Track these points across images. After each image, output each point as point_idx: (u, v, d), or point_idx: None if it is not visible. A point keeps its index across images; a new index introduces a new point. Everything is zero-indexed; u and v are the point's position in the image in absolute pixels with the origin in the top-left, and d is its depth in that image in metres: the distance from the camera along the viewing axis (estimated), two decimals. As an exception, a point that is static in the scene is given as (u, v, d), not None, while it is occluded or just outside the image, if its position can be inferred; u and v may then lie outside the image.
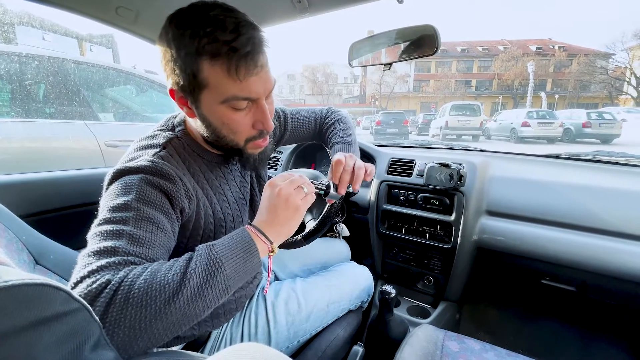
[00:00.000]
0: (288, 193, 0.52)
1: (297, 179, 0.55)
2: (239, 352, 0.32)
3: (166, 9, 0.74)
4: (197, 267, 0.42)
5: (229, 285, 0.44)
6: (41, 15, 8.19)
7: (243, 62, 0.48)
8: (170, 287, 0.39)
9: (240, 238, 0.48)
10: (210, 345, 0.69)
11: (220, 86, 0.49)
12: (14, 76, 1.77)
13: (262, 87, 0.52)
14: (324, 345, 0.78)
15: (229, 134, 0.56)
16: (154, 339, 0.38)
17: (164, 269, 0.41)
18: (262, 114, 0.55)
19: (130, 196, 0.47)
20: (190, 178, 0.58)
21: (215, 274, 0.42)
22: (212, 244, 0.46)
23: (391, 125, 12.98)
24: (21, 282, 0.24)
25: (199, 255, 0.44)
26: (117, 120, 2.30)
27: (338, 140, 0.83)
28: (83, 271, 0.39)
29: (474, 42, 33.73)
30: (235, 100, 0.51)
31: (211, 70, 0.48)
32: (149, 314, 0.37)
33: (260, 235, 0.49)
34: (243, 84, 0.50)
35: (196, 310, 0.41)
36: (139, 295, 0.37)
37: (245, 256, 0.46)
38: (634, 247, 0.83)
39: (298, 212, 0.53)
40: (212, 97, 0.51)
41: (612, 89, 25.09)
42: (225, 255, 0.44)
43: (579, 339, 1.16)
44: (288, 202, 0.52)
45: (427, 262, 1.19)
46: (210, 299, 0.42)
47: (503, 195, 1.05)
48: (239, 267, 0.45)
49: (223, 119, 0.53)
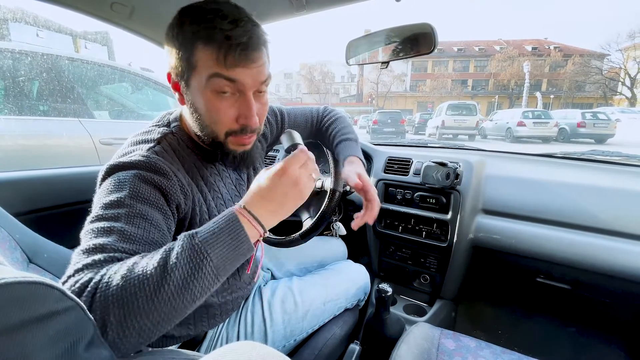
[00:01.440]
0: (299, 172, 0.48)
1: (311, 164, 0.51)
2: (235, 350, 0.31)
3: (161, 5, 0.73)
4: (180, 258, 0.39)
5: (219, 274, 0.41)
6: (35, 11, 8.09)
7: (233, 51, 0.48)
8: (150, 281, 0.37)
9: (227, 223, 0.43)
10: (206, 345, 0.69)
11: (207, 68, 0.50)
12: (7, 73, 1.74)
13: (250, 79, 0.51)
14: (321, 344, 0.78)
15: (210, 123, 0.54)
16: (145, 335, 0.37)
17: (142, 263, 0.38)
18: (246, 108, 0.53)
19: (123, 192, 0.46)
20: (184, 174, 0.57)
21: (200, 266, 0.39)
22: (196, 231, 0.42)
23: (388, 125, 13.01)
24: (14, 280, 0.24)
25: (180, 245, 0.40)
26: (112, 118, 2.28)
27: (343, 138, 0.84)
28: (70, 269, 0.39)
29: (470, 42, 33.86)
30: (218, 78, 0.50)
31: (202, 53, 0.49)
32: (132, 311, 0.36)
33: (249, 218, 0.45)
34: (229, 72, 0.49)
35: (184, 302, 0.39)
36: (117, 292, 0.36)
37: (234, 243, 0.42)
38: (628, 245, 0.83)
39: (302, 194, 0.49)
40: (199, 79, 0.51)
41: (607, 90, 25.29)
42: (210, 244, 0.41)
43: (573, 336, 1.18)
44: (297, 181, 0.47)
45: (424, 261, 1.19)
46: (200, 290, 0.40)
47: (499, 194, 1.06)
48: (228, 255, 0.42)
49: (207, 105, 0.52)
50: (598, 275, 0.87)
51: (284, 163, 0.48)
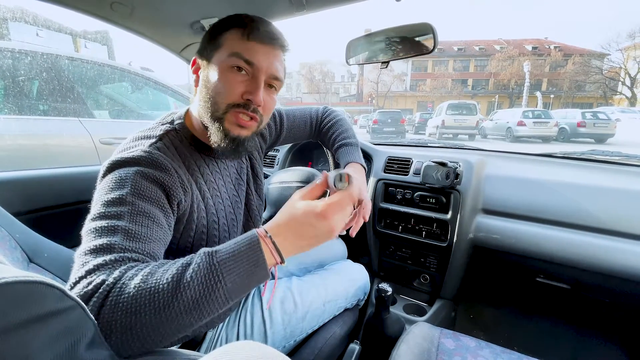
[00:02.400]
0: (337, 220, 0.45)
1: (350, 209, 0.48)
2: (235, 350, 0.31)
3: (161, 4, 0.73)
4: (195, 277, 0.38)
5: (230, 298, 0.40)
6: (35, 11, 8.09)
7: (256, 30, 0.55)
8: (161, 296, 0.36)
9: (248, 247, 0.42)
10: (205, 346, 0.68)
11: (231, 46, 0.55)
12: (7, 72, 1.74)
13: (266, 62, 0.56)
14: (321, 343, 0.78)
15: (215, 94, 0.56)
16: (148, 345, 0.37)
17: (158, 274, 0.38)
18: (255, 86, 0.56)
19: (124, 190, 0.46)
20: (185, 171, 0.57)
21: (214, 289, 0.38)
22: (216, 249, 0.41)
23: (388, 124, 13.02)
24: (15, 279, 0.24)
25: (198, 262, 0.39)
26: (112, 117, 2.27)
27: (343, 142, 0.84)
28: (81, 270, 0.39)
29: (470, 42, 33.83)
30: (236, 58, 0.55)
31: (229, 34, 0.56)
32: (139, 322, 0.36)
33: (271, 247, 0.43)
34: (249, 46, 0.55)
35: (191, 321, 0.38)
36: (128, 301, 0.36)
37: (251, 269, 0.41)
38: (627, 245, 0.83)
39: (332, 235, 0.46)
40: (220, 55, 0.56)
41: (607, 89, 25.29)
42: (227, 267, 0.40)
43: (573, 336, 1.18)
44: (333, 228, 0.45)
45: (423, 260, 1.20)
46: (208, 311, 0.39)
47: (499, 193, 1.06)
48: (242, 281, 0.40)
49: (221, 76, 0.55)
50: (598, 275, 0.87)
51: (327, 208, 0.45)
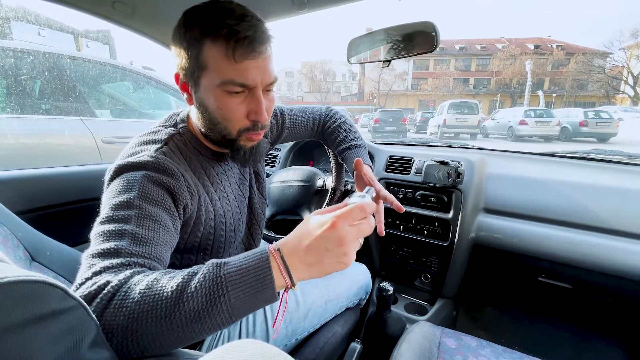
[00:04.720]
0: (346, 231, 0.40)
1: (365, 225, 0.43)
2: (237, 348, 0.31)
3: (163, 3, 0.73)
4: (199, 288, 0.36)
5: (233, 315, 0.38)
6: (37, 10, 8.10)
7: (241, 44, 0.49)
8: (163, 304, 0.36)
9: (257, 262, 0.39)
10: (207, 344, 0.69)
11: (219, 68, 0.51)
12: (9, 71, 1.75)
13: (260, 75, 0.52)
14: (322, 342, 0.78)
15: (222, 120, 0.55)
16: (147, 351, 0.36)
17: (162, 282, 0.37)
18: (256, 104, 0.54)
19: (132, 193, 0.47)
20: (191, 174, 0.58)
21: (216, 302, 0.36)
22: (226, 261, 0.39)
23: (389, 123, 13.00)
24: (17, 279, 0.24)
25: (204, 273, 0.38)
26: (114, 116, 2.28)
27: (351, 144, 0.85)
28: (87, 272, 0.39)
29: (472, 40, 33.74)
30: (231, 85, 0.51)
31: (210, 51, 0.50)
32: (140, 329, 0.35)
33: (280, 266, 0.40)
34: (239, 67, 0.50)
35: (192, 334, 0.37)
36: (131, 306, 0.36)
37: (257, 286, 0.38)
38: (629, 244, 0.83)
39: (345, 258, 0.41)
40: (210, 80, 0.52)
41: (609, 88, 25.17)
42: (233, 281, 0.37)
43: (574, 336, 1.17)
44: (342, 240, 0.40)
45: (425, 260, 1.19)
46: (209, 326, 0.37)
47: (500, 193, 1.06)
48: (247, 298, 0.38)
49: (218, 103, 0.53)
50: (600, 275, 0.86)
51: (335, 218, 0.41)
